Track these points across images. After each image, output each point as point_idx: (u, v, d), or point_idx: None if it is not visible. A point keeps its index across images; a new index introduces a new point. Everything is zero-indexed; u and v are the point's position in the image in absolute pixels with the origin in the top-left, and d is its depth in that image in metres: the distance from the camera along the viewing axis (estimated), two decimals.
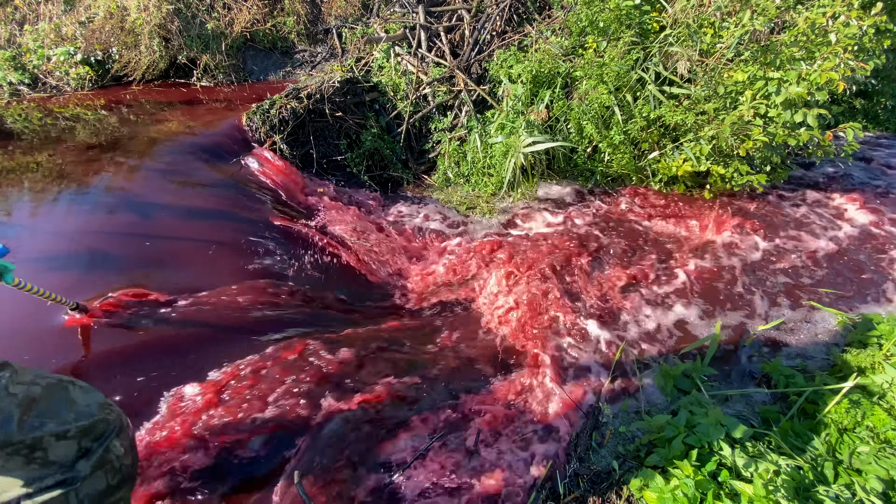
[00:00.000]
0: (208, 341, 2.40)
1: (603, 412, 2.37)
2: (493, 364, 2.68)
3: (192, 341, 2.36)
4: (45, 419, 1.09)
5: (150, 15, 5.05)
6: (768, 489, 1.68)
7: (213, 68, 5.45)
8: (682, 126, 3.90)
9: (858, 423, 2.07)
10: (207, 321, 2.47)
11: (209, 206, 3.25)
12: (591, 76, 4.04)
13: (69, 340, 2.15)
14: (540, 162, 4.43)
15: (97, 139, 3.83)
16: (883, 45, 3.52)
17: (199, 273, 2.74)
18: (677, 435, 1.99)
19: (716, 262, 3.52)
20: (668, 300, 3.17)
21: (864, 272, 3.50)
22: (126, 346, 2.21)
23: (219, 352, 2.33)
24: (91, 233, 2.76)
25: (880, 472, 1.80)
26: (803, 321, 3.04)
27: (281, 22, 5.57)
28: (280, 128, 4.14)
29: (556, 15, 4.96)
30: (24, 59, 5.16)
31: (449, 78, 4.83)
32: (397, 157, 4.88)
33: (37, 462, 1.05)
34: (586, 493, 1.97)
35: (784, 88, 3.30)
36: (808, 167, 5.10)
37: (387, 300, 3.32)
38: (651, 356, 2.74)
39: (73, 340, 2.15)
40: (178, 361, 2.23)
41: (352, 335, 2.68)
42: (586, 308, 3.06)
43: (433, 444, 2.08)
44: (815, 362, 2.70)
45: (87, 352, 2.15)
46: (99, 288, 2.41)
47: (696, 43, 3.76)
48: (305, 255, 3.24)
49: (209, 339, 2.41)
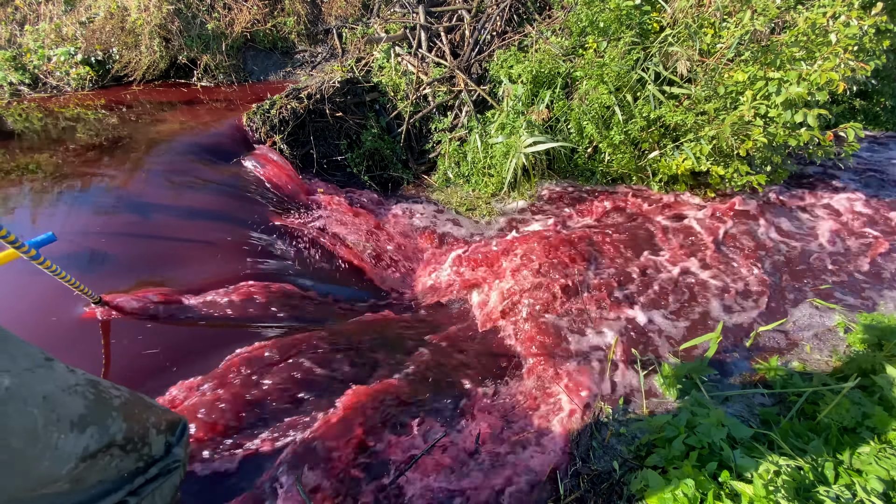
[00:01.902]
0: (210, 339, 2.40)
1: (603, 412, 2.37)
2: (492, 364, 2.68)
3: (193, 339, 2.37)
4: (145, 413, 1.12)
5: (151, 15, 5.05)
6: (769, 489, 1.68)
7: (213, 68, 5.45)
8: (682, 126, 3.90)
9: (859, 424, 2.07)
10: (207, 321, 2.47)
11: (209, 206, 3.25)
12: (592, 76, 4.04)
13: (87, 331, 2.19)
14: (540, 162, 4.43)
15: (98, 139, 3.83)
16: (883, 45, 3.52)
17: (199, 273, 2.74)
18: (678, 435, 1.99)
19: (716, 262, 3.52)
20: (668, 300, 3.16)
21: (864, 272, 3.50)
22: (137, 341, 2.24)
23: (220, 349, 2.34)
24: (91, 233, 2.76)
25: (881, 473, 1.80)
26: (804, 321, 3.04)
27: (281, 22, 5.57)
28: (280, 128, 4.15)
29: (557, 15, 4.96)
30: (24, 59, 5.17)
31: (449, 78, 4.83)
32: (397, 157, 4.88)
33: (143, 458, 1.08)
34: (587, 493, 1.97)
35: (784, 88, 3.30)
36: (809, 167, 5.10)
37: (386, 299, 3.32)
38: (652, 356, 2.74)
39: (90, 331, 2.19)
40: (178, 359, 2.24)
41: (351, 334, 2.68)
42: (586, 308, 3.06)
43: (434, 445, 2.09)
44: (815, 362, 2.70)
45: (107, 343, 2.18)
46: (99, 288, 2.41)
47: (697, 43, 3.76)
48: (305, 254, 3.24)
49: (210, 337, 2.42)
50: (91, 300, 2.21)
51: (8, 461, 0.74)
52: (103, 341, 2.18)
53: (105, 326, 2.24)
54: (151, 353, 2.22)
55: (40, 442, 0.79)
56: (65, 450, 0.84)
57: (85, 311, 2.26)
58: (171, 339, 2.32)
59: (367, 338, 2.69)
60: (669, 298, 3.18)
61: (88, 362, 2.09)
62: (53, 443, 0.82)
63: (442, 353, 2.72)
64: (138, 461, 1.05)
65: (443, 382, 2.47)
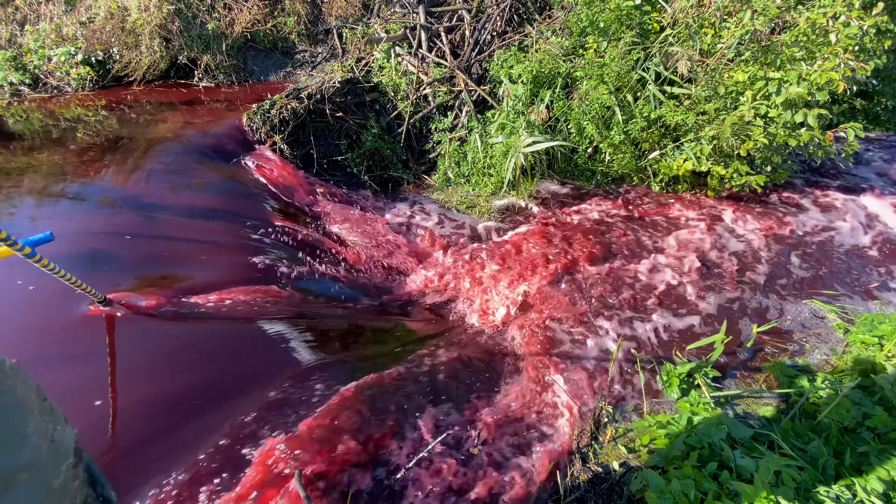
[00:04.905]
0: (210, 339, 2.40)
1: (604, 412, 2.37)
2: (492, 364, 2.68)
3: (194, 339, 2.37)
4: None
5: (151, 15, 5.05)
6: (769, 489, 1.68)
7: (213, 68, 5.45)
8: (682, 126, 3.90)
9: (859, 424, 2.07)
10: (209, 320, 2.47)
11: (209, 206, 3.25)
12: (592, 76, 4.04)
13: (91, 329, 2.20)
14: (540, 162, 4.43)
15: (98, 139, 3.83)
16: (884, 45, 3.52)
17: (199, 273, 2.74)
18: (678, 435, 2.00)
19: (716, 262, 3.52)
20: (668, 300, 3.16)
21: (864, 272, 3.50)
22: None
23: (221, 348, 2.34)
24: (92, 233, 2.76)
25: (881, 473, 1.80)
26: (804, 321, 3.04)
27: (281, 22, 5.57)
28: (280, 128, 4.15)
29: (557, 15, 4.96)
30: (24, 59, 5.17)
31: (449, 78, 4.83)
32: (398, 157, 4.88)
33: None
34: (587, 493, 1.97)
35: (784, 89, 3.30)
36: (809, 167, 5.09)
37: (385, 299, 3.32)
38: (653, 356, 2.74)
39: (95, 329, 2.21)
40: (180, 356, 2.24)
41: (349, 333, 2.68)
42: (587, 308, 3.06)
43: (435, 445, 2.08)
44: (815, 362, 2.70)
45: (112, 340, 2.18)
46: (99, 287, 2.41)
47: (697, 43, 3.76)
48: (305, 254, 3.24)
49: (212, 336, 2.42)
50: (95, 299, 2.21)
51: None
52: (108, 339, 2.18)
53: (110, 325, 2.24)
54: (151, 354, 2.22)
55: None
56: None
57: (90, 309, 2.26)
58: (170, 339, 2.32)
59: (365, 337, 2.69)
60: (670, 299, 3.18)
61: (93, 361, 2.10)
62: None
63: (441, 352, 2.71)
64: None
65: (442, 382, 2.47)
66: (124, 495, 1.69)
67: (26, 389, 0.78)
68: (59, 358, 2.10)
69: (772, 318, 3.05)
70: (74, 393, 1.98)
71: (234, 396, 2.16)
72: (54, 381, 1.93)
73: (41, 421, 0.79)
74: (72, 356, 2.10)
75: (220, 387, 2.19)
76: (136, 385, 2.08)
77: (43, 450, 0.77)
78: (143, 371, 2.14)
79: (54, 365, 2.06)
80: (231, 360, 2.32)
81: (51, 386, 0.88)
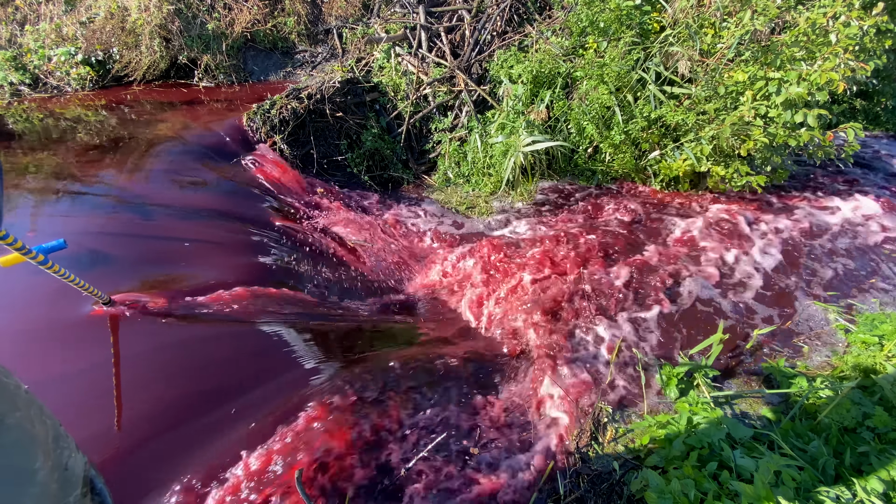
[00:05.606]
0: (210, 339, 2.40)
1: (604, 412, 2.37)
2: (492, 364, 2.68)
3: (198, 339, 2.37)
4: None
5: (151, 15, 5.05)
6: (769, 489, 1.68)
7: (213, 68, 5.45)
8: (682, 126, 3.90)
9: (859, 424, 2.07)
10: (211, 321, 2.47)
11: (209, 206, 3.25)
12: (592, 76, 4.04)
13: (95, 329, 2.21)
14: (540, 162, 4.43)
15: (98, 139, 3.83)
16: (884, 45, 3.51)
17: (199, 273, 2.74)
18: (678, 435, 2.00)
19: (716, 262, 3.52)
20: (668, 300, 3.16)
21: (864, 272, 3.50)
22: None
23: (222, 350, 2.34)
24: (92, 233, 2.76)
25: (881, 473, 1.80)
26: (805, 321, 3.04)
27: (281, 22, 5.57)
28: (280, 128, 4.15)
29: (557, 15, 4.96)
30: (24, 59, 5.17)
31: (449, 78, 4.83)
32: (397, 157, 4.88)
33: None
34: (587, 493, 1.97)
35: (784, 89, 3.30)
36: (809, 167, 5.09)
37: (385, 299, 3.31)
38: (653, 356, 2.74)
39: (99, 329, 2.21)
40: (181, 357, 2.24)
41: (349, 333, 2.68)
42: (587, 308, 3.06)
43: (435, 445, 2.08)
44: (815, 363, 2.70)
45: (116, 340, 2.18)
46: (99, 287, 2.41)
47: (697, 43, 3.76)
48: (305, 254, 3.24)
49: (213, 336, 2.41)
50: (100, 300, 2.21)
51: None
52: (112, 339, 2.19)
53: (114, 325, 2.24)
54: (154, 354, 2.22)
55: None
56: None
57: (94, 308, 2.26)
58: (174, 340, 2.32)
59: (364, 337, 2.69)
60: (670, 299, 3.18)
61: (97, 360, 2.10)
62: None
63: (441, 352, 2.71)
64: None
65: (441, 382, 2.46)
66: (125, 497, 1.69)
67: (41, 417, 0.77)
68: (61, 358, 2.10)
69: (772, 319, 3.05)
70: (76, 393, 1.98)
71: (236, 397, 2.16)
72: (57, 381, 1.93)
73: (54, 448, 0.78)
74: (75, 356, 2.10)
75: (221, 387, 2.19)
76: (138, 385, 2.08)
77: (51, 484, 0.76)
78: (146, 371, 2.14)
79: (57, 365, 2.05)
80: (233, 361, 2.32)
81: (53, 386, 0.88)
